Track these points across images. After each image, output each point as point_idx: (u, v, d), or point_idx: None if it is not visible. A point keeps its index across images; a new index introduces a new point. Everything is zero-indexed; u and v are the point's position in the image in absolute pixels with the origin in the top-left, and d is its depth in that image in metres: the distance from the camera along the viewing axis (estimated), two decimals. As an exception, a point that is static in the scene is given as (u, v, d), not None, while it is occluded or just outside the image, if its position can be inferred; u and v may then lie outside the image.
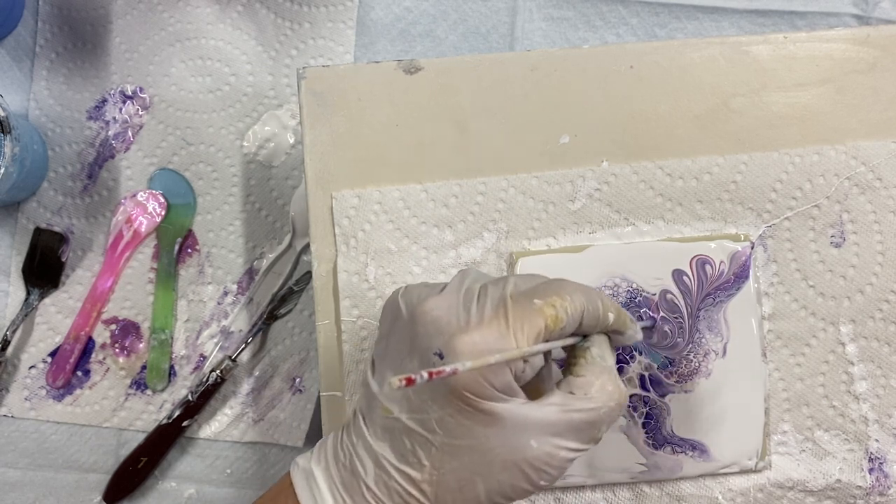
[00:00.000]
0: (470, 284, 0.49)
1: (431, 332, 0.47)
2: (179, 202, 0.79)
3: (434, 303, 0.48)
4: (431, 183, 0.64)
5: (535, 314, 0.46)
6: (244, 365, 0.77)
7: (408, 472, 0.47)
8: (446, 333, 0.46)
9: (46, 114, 0.79)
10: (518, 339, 0.45)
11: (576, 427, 0.47)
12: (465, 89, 0.65)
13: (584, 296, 0.48)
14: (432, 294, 0.49)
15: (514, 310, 0.46)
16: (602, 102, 0.65)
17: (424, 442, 0.47)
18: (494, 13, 0.81)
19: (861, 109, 0.65)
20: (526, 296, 0.47)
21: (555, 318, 0.47)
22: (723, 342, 0.63)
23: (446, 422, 0.46)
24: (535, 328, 0.46)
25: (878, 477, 0.63)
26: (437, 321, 0.47)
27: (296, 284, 0.78)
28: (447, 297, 0.48)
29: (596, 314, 0.49)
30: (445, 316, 0.47)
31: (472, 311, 0.47)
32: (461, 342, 0.45)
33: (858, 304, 0.64)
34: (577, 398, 0.47)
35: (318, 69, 0.65)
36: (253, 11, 0.81)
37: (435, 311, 0.47)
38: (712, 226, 0.64)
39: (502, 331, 0.46)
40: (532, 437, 0.46)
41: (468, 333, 0.46)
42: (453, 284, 0.49)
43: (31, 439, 0.77)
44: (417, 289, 0.50)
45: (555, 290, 0.48)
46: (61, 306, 0.78)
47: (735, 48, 0.65)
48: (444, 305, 0.48)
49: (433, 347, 0.46)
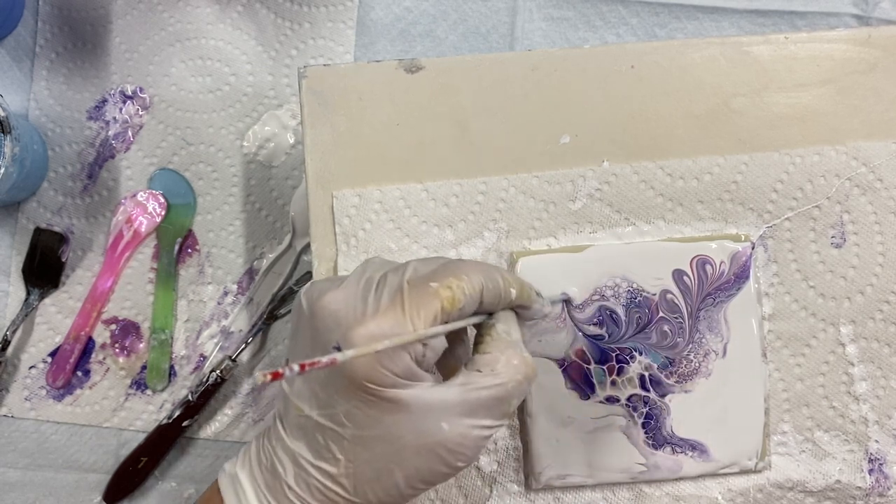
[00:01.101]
0: (371, 274, 0.49)
1: (330, 325, 0.47)
2: (179, 202, 0.79)
3: (332, 296, 0.47)
4: (432, 182, 0.64)
5: (430, 297, 0.46)
6: (244, 365, 0.77)
7: (324, 467, 0.47)
8: (343, 326, 0.46)
9: (46, 114, 0.79)
10: (415, 323, 0.45)
11: (485, 405, 0.47)
12: (465, 89, 0.65)
13: (482, 274, 0.48)
14: (331, 288, 0.48)
15: (410, 295, 0.46)
16: (603, 102, 0.65)
17: (336, 436, 0.47)
18: (494, 13, 0.81)
19: (862, 110, 0.65)
20: (423, 280, 0.47)
21: (451, 300, 0.46)
22: (723, 342, 0.63)
23: (353, 414, 0.46)
24: (432, 311, 0.46)
25: (877, 478, 0.63)
26: (335, 314, 0.47)
27: (296, 284, 0.78)
28: (345, 289, 0.48)
29: (496, 291, 0.49)
30: (343, 308, 0.47)
31: (368, 301, 0.47)
32: (356, 333, 0.45)
33: (859, 305, 0.64)
34: (484, 375, 0.47)
35: (319, 68, 0.65)
36: (253, 11, 0.81)
37: (332, 305, 0.47)
38: (713, 226, 0.64)
39: (398, 317, 0.45)
40: (442, 420, 0.46)
41: (363, 324, 0.45)
42: (353, 276, 0.49)
43: (31, 439, 0.77)
44: (319, 284, 0.50)
45: (451, 271, 0.48)
46: (61, 306, 0.78)
47: (736, 48, 0.65)
48: (341, 298, 0.47)
49: (332, 341, 0.46)
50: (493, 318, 0.50)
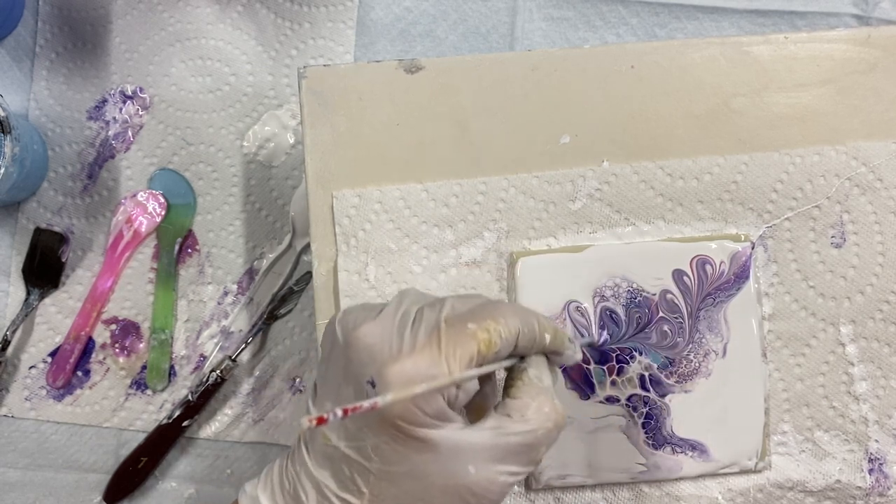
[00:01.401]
0: (407, 307, 0.48)
1: (364, 359, 0.46)
2: (179, 202, 0.79)
3: (368, 329, 0.47)
4: (432, 182, 0.64)
5: (467, 339, 0.45)
6: (244, 365, 0.77)
7: (348, 499, 0.46)
8: (378, 361, 0.45)
9: (46, 114, 0.79)
10: (450, 364, 0.45)
11: (513, 451, 0.47)
12: (465, 89, 0.65)
13: (518, 318, 0.48)
14: (367, 319, 0.48)
15: (448, 335, 0.45)
16: (603, 102, 0.65)
17: (362, 469, 0.46)
18: (494, 13, 0.81)
19: (862, 110, 0.65)
20: (460, 320, 0.46)
21: (488, 343, 0.46)
22: (723, 342, 0.63)
23: (382, 449, 0.45)
24: (468, 353, 0.45)
25: (877, 477, 0.63)
26: (370, 348, 0.46)
27: (296, 284, 0.78)
28: (382, 322, 0.47)
29: (532, 336, 0.48)
30: (379, 343, 0.46)
31: (405, 337, 0.46)
32: (391, 371, 0.44)
33: (859, 305, 0.64)
34: (514, 421, 0.47)
35: (319, 68, 0.65)
36: (253, 11, 0.81)
37: (368, 338, 0.47)
38: (713, 226, 0.64)
39: (434, 357, 0.45)
40: (469, 463, 0.46)
41: (399, 362, 0.45)
42: (390, 308, 0.48)
43: (31, 439, 0.77)
44: (354, 312, 0.49)
45: (489, 313, 0.47)
46: (61, 306, 0.78)
47: (736, 48, 0.65)
48: (377, 332, 0.47)
49: (366, 375, 0.46)
50: (525, 363, 0.49)
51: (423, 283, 0.63)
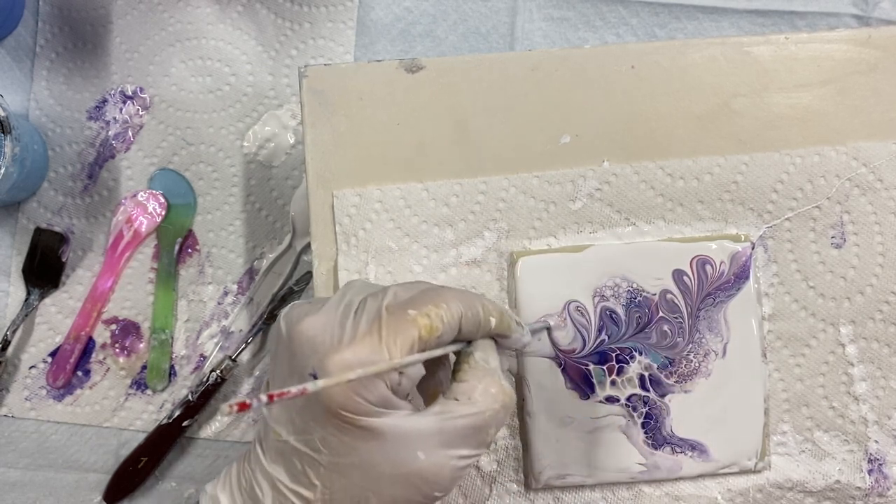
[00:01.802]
0: (351, 298, 0.48)
1: (307, 351, 0.46)
2: (180, 202, 0.79)
3: (310, 322, 0.47)
4: (432, 182, 0.64)
5: (408, 325, 0.46)
6: (244, 365, 0.77)
7: (301, 492, 0.47)
8: (320, 353, 0.45)
9: (47, 114, 0.79)
10: (391, 351, 0.45)
11: (461, 434, 0.47)
12: (466, 89, 0.65)
13: (461, 302, 0.48)
14: (310, 312, 0.48)
15: (388, 322, 0.46)
16: (603, 102, 0.65)
17: (312, 462, 0.46)
18: (494, 13, 0.81)
19: (862, 110, 0.65)
20: (401, 307, 0.47)
21: (429, 328, 0.46)
22: (723, 342, 0.63)
23: (329, 440, 0.46)
24: (409, 339, 0.45)
25: (877, 478, 0.63)
26: (312, 340, 0.46)
27: (296, 284, 0.78)
28: (324, 314, 0.47)
29: (476, 320, 0.48)
30: (320, 335, 0.46)
31: (346, 327, 0.46)
32: (332, 361, 0.45)
33: (858, 305, 0.64)
34: (461, 404, 0.47)
35: (320, 68, 0.65)
36: (253, 11, 0.81)
37: (310, 331, 0.47)
38: (713, 226, 0.64)
39: (374, 345, 0.45)
40: (418, 449, 0.46)
41: (339, 352, 0.45)
42: (334, 299, 0.48)
43: (31, 439, 0.77)
44: (298, 307, 0.49)
45: (431, 298, 0.47)
46: (61, 306, 0.78)
47: (736, 48, 0.65)
48: (319, 324, 0.47)
49: (308, 368, 0.46)
50: (472, 347, 0.49)
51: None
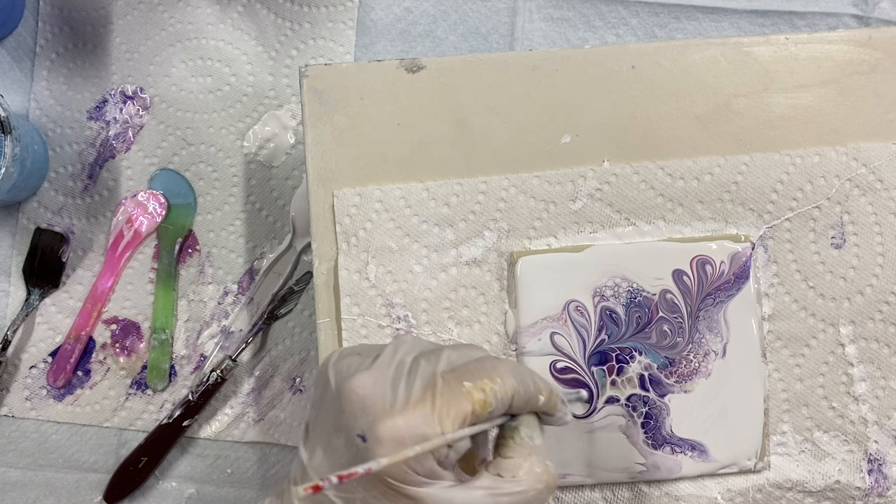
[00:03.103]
0: (403, 356, 0.48)
1: (357, 411, 0.46)
2: (180, 202, 0.79)
3: (361, 380, 0.46)
4: (433, 182, 0.64)
5: (462, 398, 0.45)
6: (244, 365, 0.77)
7: None
8: (370, 415, 0.45)
9: (47, 114, 0.79)
10: (443, 423, 0.44)
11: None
12: (466, 88, 0.65)
13: (515, 378, 0.47)
14: (361, 368, 0.47)
15: (443, 392, 0.45)
16: (603, 102, 0.65)
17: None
18: (494, 13, 0.81)
19: (862, 111, 0.65)
20: (456, 376, 0.46)
21: (483, 403, 0.46)
22: (723, 342, 0.63)
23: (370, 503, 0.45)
24: (462, 413, 0.45)
25: (877, 478, 0.64)
26: (363, 400, 0.46)
27: (296, 284, 0.78)
28: (375, 372, 0.47)
29: (527, 397, 0.48)
30: (371, 395, 0.46)
31: (399, 390, 0.46)
32: (384, 427, 0.44)
33: (858, 306, 0.64)
34: (505, 481, 0.46)
35: (321, 67, 0.65)
36: (253, 12, 0.81)
37: (361, 389, 0.46)
38: (713, 226, 0.64)
39: (427, 415, 0.44)
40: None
41: (391, 418, 0.44)
42: (385, 357, 0.48)
43: (31, 439, 0.77)
44: (348, 360, 0.49)
45: (486, 371, 0.47)
46: (62, 306, 0.78)
47: (736, 49, 0.65)
48: (370, 382, 0.46)
49: (357, 428, 0.45)
50: (517, 421, 0.49)
51: (424, 282, 0.63)
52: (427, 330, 0.63)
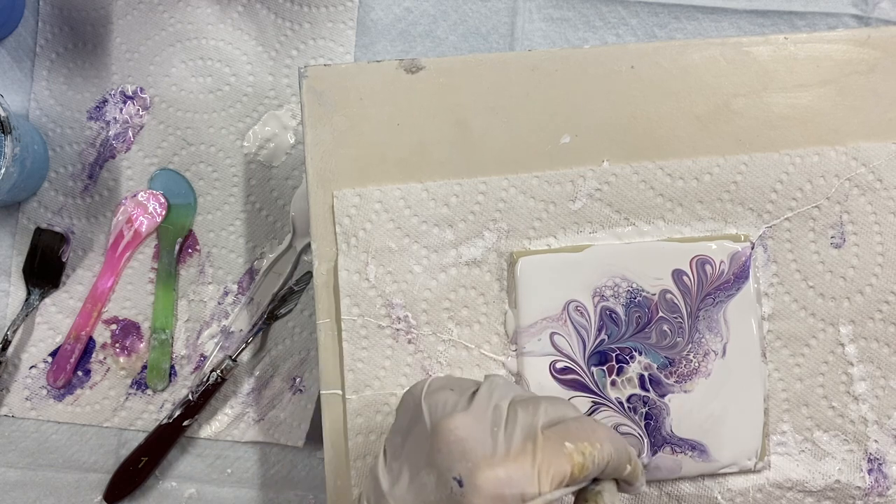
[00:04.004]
0: (498, 401, 0.47)
1: (454, 453, 0.45)
2: (180, 202, 0.79)
3: (460, 421, 0.46)
4: (432, 182, 0.64)
5: (563, 459, 0.45)
6: (244, 365, 0.77)
7: None
8: (470, 461, 0.45)
9: (47, 114, 0.79)
10: (542, 482, 0.44)
11: None
12: (466, 89, 0.65)
13: (612, 445, 0.47)
14: (459, 409, 0.47)
15: (544, 449, 0.45)
16: (603, 103, 0.65)
17: None
18: (494, 14, 0.81)
19: (862, 111, 0.65)
20: (557, 434, 0.46)
21: (581, 467, 0.46)
22: (722, 342, 0.63)
23: None
24: (561, 474, 0.45)
25: (877, 478, 0.64)
26: (462, 443, 0.45)
27: (296, 284, 0.78)
28: (474, 414, 0.46)
29: (618, 465, 0.48)
30: (471, 439, 0.45)
31: (499, 439, 0.45)
32: (483, 477, 0.44)
33: (858, 305, 0.64)
34: None
35: (320, 68, 0.65)
36: (253, 12, 0.81)
37: (460, 431, 0.46)
38: (712, 226, 0.64)
39: (526, 470, 0.44)
40: None
41: (492, 468, 0.44)
42: (481, 399, 0.47)
43: (31, 439, 0.77)
44: (443, 395, 0.48)
45: (587, 434, 0.47)
46: (62, 306, 0.78)
47: (736, 49, 0.65)
48: (469, 425, 0.46)
49: (453, 471, 0.45)
50: (599, 486, 0.49)
51: (423, 282, 0.63)
52: (427, 330, 0.63)
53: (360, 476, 0.62)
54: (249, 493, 0.76)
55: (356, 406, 0.63)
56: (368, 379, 0.63)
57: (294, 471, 0.76)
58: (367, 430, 0.63)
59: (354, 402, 0.63)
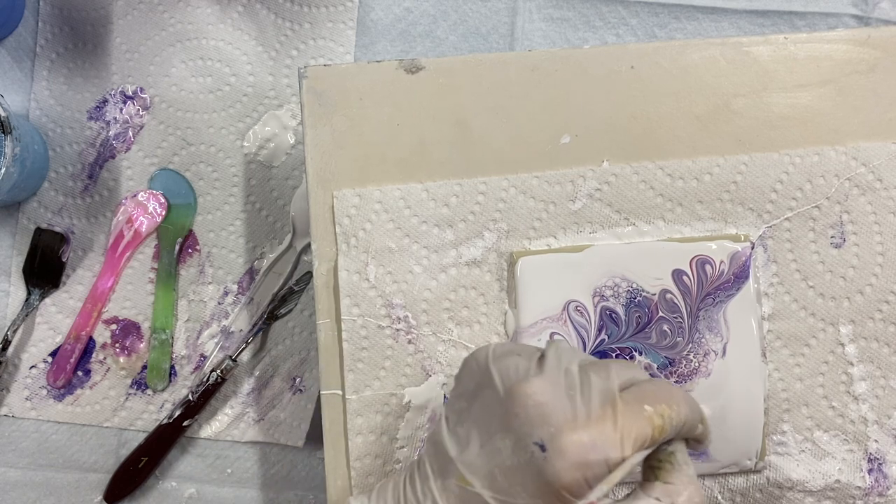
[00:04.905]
0: (567, 365, 0.47)
1: (534, 418, 0.45)
2: (180, 202, 0.79)
3: (537, 386, 0.46)
4: (432, 182, 0.64)
5: (644, 422, 0.45)
6: (244, 365, 0.77)
7: None
8: (552, 425, 0.44)
9: (47, 114, 0.79)
10: (625, 444, 0.44)
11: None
12: (466, 89, 0.65)
13: (688, 407, 0.47)
14: (531, 373, 0.47)
15: (625, 413, 0.45)
16: (603, 103, 0.65)
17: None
18: (494, 14, 0.81)
19: (862, 110, 0.65)
20: (636, 398, 0.46)
21: (661, 429, 0.45)
22: (722, 342, 0.63)
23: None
24: (642, 437, 0.45)
25: (877, 477, 0.64)
26: (541, 408, 0.45)
27: (296, 284, 0.78)
28: (548, 379, 0.46)
29: (693, 425, 0.48)
30: (549, 403, 0.45)
31: (577, 403, 0.45)
32: (568, 441, 0.44)
33: (858, 305, 0.64)
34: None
35: (320, 68, 0.65)
36: (253, 12, 0.81)
37: (538, 396, 0.45)
38: (712, 226, 0.64)
39: (608, 433, 0.44)
40: None
41: (576, 432, 0.44)
42: (551, 363, 0.47)
43: (31, 439, 0.77)
44: (512, 360, 0.48)
45: (664, 396, 0.46)
46: (62, 306, 0.78)
47: (736, 49, 0.65)
48: (546, 390, 0.46)
49: (534, 436, 0.45)
50: (672, 447, 0.48)
51: (423, 282, 0.63)
52: (427, 330, 0.63)
53: (360, 476, 0.62)
54: (249, 493, 0.76)
55: (356, 406, 0.63)
56: (368, 379, 0.63)
57: (294, 471, 0.77)
58: (367, 430, 0.63)
59: (354, 403, 0.63)
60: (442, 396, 0.63)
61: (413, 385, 0.63)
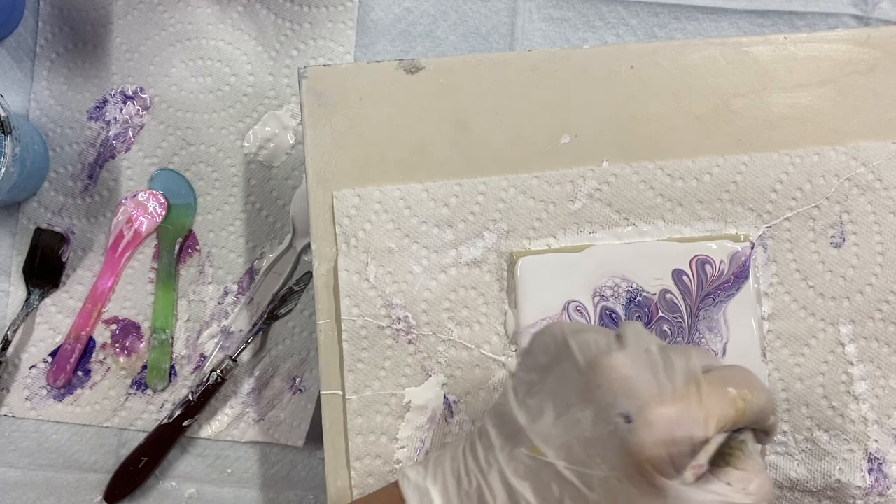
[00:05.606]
0: (646, 345, 0.47)
1: (618, 390, 0.45)
2: (180, 202, 0.79)
3: (621, 360, 0.46)
4: (432, 182, 0.64)
5: (727, 403, 0.45)
6: (244, 365, 0.77)
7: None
8: (639, 398, 0.45)
9: (47, 114, 0.79)
10: (708, 423, 0.44)
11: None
12: (466, 89, 0.65)
13: (766, 395, 0.47)
14: (613, 347, 0.47)
15: (709, 393, 0.45)
16: (603, 103, 0.65)
17: (577, 496, 0.45)
18: (494, 14, 0.81)
19: (861, 110, 0.65)
20: (719, 380, 0.46)
21: (743, 413, 0.46)
22: (722, 342, 0.63)
23: (611, 484, 0.44)
24: (725, 418, 0.45)
25: (877, 477, 0.63)
26: (626, 381, 0.45)
27: (296, 284, 0.78)
28: (632, 354, 0.46)
29: (767, 415, 0.48)
30: (635, 377, 0.45)
31: (661, 379, 0.45)
32: (655, 414, 0.44)
33: (858, 305, 0.64)
34: (736, 491, 0.46)
35: (320, 68, 0.65)
36: (253, 12, 0.81)
37: (623, 370, 0.46)
38: (712, 226, 0.64)
39: (694, 412, 0.44)
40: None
41: (663, 404, 0.44)
42: (631, 340, 0.48)
43: (31, 439, 0.77)
44: (591, 335, 0.48)
45: (745, 381, 0.47)
46: (62, 306, 0.78)
47: (736, 49, 0.65)
48: (630, 364, 0.46)
49: (619, 407, 0.45)
50: (742, 434, 0.49)
51: (423, 282, 0.63)
52: (427, 330, 0.63)
53: (360, 476, 0.62)
54: (249, 493, 0.76)
55: (356, 406, 0.63)
56: (368, 379, 0.63)
57: (294, 471, 0.77)
58: (367, 431, 0.63)
59: (354, 403, 0.63)
60: (442, 396, 0.63)
61: (413, 385, 0.63)
